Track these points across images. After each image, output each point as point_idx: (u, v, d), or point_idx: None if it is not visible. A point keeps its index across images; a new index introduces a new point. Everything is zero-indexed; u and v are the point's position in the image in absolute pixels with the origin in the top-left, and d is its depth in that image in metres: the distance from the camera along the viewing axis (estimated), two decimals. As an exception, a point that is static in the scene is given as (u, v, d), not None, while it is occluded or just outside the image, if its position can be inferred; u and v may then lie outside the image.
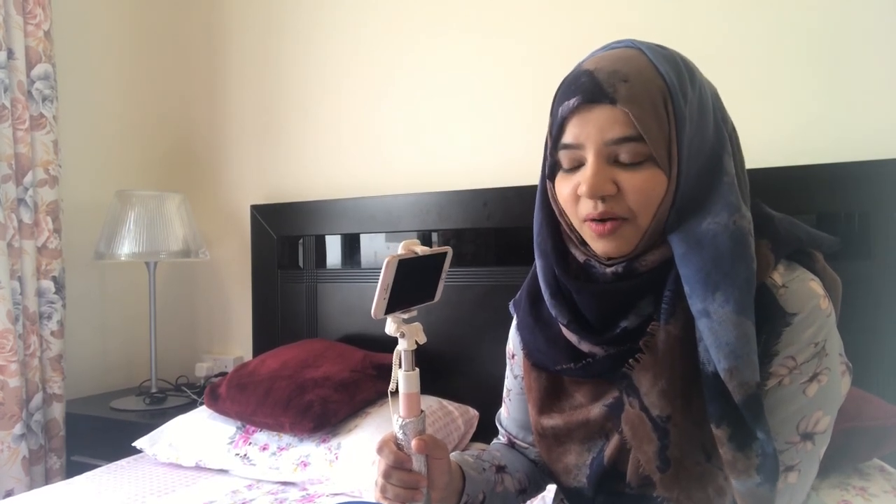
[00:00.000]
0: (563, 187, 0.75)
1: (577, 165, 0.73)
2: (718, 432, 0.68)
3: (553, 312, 0.79)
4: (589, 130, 0.70)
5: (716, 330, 0.67)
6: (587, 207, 0.72)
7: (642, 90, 0.69)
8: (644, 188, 0.69)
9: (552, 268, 0.80)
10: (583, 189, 0.71)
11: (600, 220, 0.71)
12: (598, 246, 0.74)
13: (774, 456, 0.66)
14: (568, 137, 0.72)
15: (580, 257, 0.78)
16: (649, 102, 0.68)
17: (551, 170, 0.77)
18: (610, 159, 0.70)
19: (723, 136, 0.74)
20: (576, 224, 0.76)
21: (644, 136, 0.68)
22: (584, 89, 0.70)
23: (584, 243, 0.77)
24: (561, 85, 0.75)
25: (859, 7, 1.55)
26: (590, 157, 0.71)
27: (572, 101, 0.71)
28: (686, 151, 0.70)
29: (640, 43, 0.74)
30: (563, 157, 0.74)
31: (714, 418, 0.68)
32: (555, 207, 0.79)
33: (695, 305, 0.69)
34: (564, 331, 0.79)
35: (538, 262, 0.82)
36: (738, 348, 0.66)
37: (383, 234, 2.05)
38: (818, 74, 1.60)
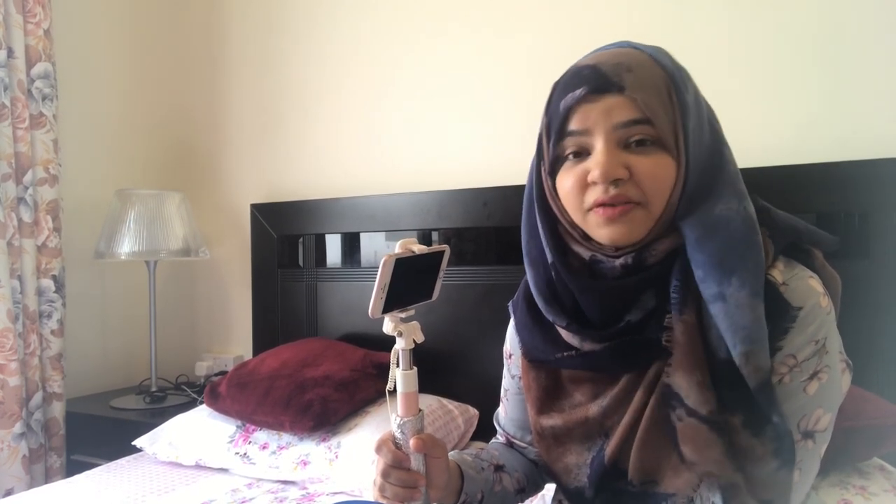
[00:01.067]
0: (567, 179, 0.73)
1: (584, 154, 0.72)
2: (733, 419, 0.68)
3: (550, 318, 0.79)
4: (597, 116, 0.70)
5: (732, 313, 0.67)
6: (597, 193, 0.70)
7: (647, 78, 0.70)
8: (656, 172, 0.69)
9: (542, 277, 0.79)
10: (595, 174, 0.70)
11: (612, 205, 0.70)
12: (605, 233, 0.72)
13: (791, 437, 0.66)
14: (574, 125, 0.71)
15: (584, 254, 0.76)
16: (654, 90, 0.69)
17: (552, 165, 0.76)
18: (620, 143, 0.70)
19: (717, 130, 0.75)
20: (578, 218, 0.74)
21: (652, 121, 0.68)
22: (590, 80, 0.70)
23: (587, 238, 0.76)
24: (558, 83, 0.75)
25: (859, 7, 1.55)
26: (599, 143, 0.70)
27: (578, 92, 0.70)
28: (692, 138, 0.70)
29: (636, 43, 0.75)
30: (569, 145, 0.73)
31: (728, 406, 0.68)
32: (553, 205, 0.78)
33: (709, 289, 0.68)
34: (564, 335, 0.79)
35: (528, 272, 0.82)
36: (754, 332, 0.66)
37: (383, 233, 2.05)
38: (818, 74, 1.59)
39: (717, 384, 0.69)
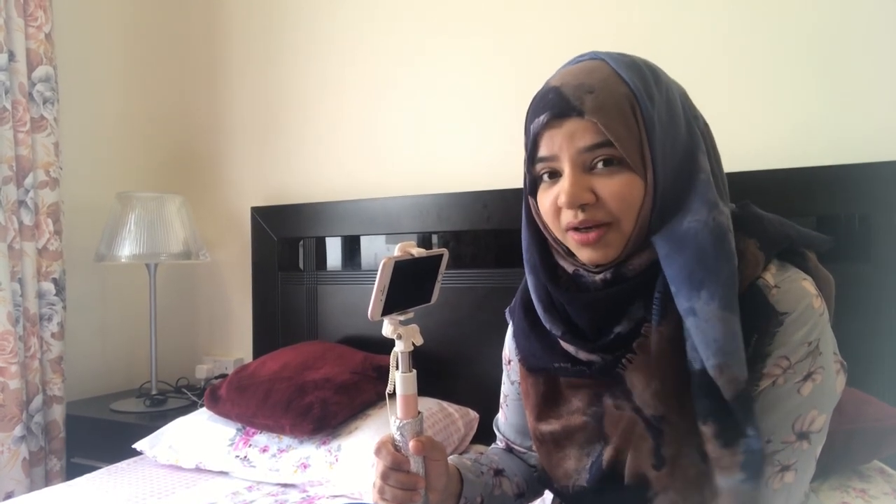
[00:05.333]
0: (544, 200, 0.75)
1: (556, 178, 0.74)
2: (705, 429, 0.68)
3: (547, 326, 0.80)
4: (561, 142, 0.71)
5: (703, 328, 0.67)
6: (568, 217, 0.73)
7: (608, 99, 0.69)
8: (621, 193, 0.70)
9: (543, 282, 0.80)
10: (562, 199, 0.71)
11: (584, 228, 0.72)
12: (584, 254, 0.74)
13: (760, 454, 0.67)
14: (543, 151, 0.73)
15: (569, 268, 0.78)
16: (616, 110, 0.69)
17: (531, 185, 0.78)
18: (585, 168, 0.71)
19: (695, 134, 0.74)
20: (559, 236, 0.76)
21: (615, 143, 0.69)
22: (552, 105, 0.71)
23: (570, 254, 0.77)
24: (531, 102, 0.76)
25: (859, 7, 1.55)
26: (566, 168, 0.72)
27: (542, 118, 0.72)
28: (659, 154, 0.70)
29: (603, 53, 0.74)
30: (541, 170, 0.75)
31: (700, 415, 0.69)
32: (538, 222, 0.79)
33: (681, 304, 0.69)
34: (562, 344, 0.80)
35: (529, 278, 0.83)
36: (726, 345, 0.66)
37: (383, 236, 2.05)
38: (818, 75, 1.60)
39: (693, 394, 0.70)
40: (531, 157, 0.75)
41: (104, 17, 2.34)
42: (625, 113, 0.69)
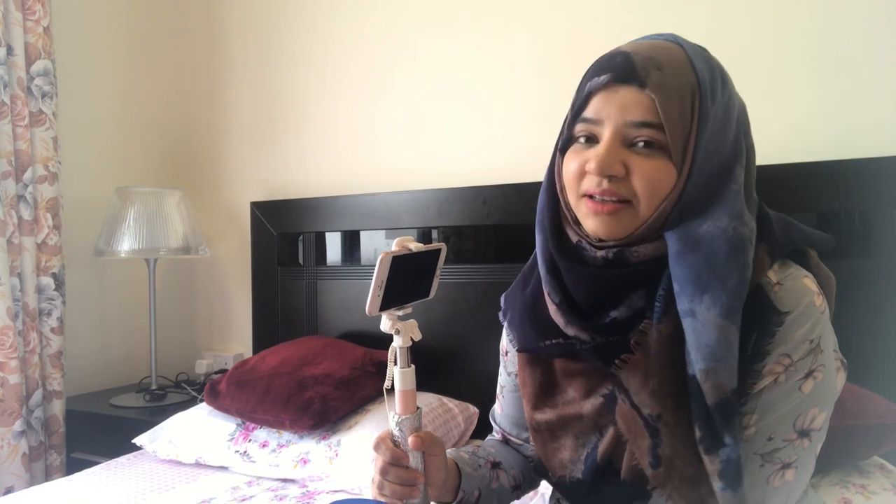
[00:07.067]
0: (572, 161, 0.74)
1: (592, 143, 0.72)
2: (695, 431, 0.68)
3: (546, 289, 0.79)
4: (611, 109, 0.70)
5: (698, 331, 0.67)
6: (590, 184, 0.71)
7: (673, 81, 0.68)
8: (652, 176, 0.69)
9: (549, 244, 0.79)
10: (591, 166, 0.70)
11: (601, 200, 0.71)
12: (591, 224, 0.72)
13: (738, 464, 0.66)
14: (590, 112, 0.72)
15: (573, 237, 0.77)
16: (677, 94, 0.68)
17: (564, 143, 0.76)
18: (625, 141, 0.70)
19: (740, 147, 0.73)
20: (573, 201, 0.75)
21: (664, 125, 0.67)
22: (617, 68, 0.70)
23: (578, 223, 0.76)
24: (594, 62, 0.74)
25: (859, 6, 1.55)
26: (606, 134, 0.70)
27: (602, 78, 0.70)
28: (702, 151, 0.69)
29: (682, 39, 0.74)
30: (581, 130, 0.73)
31: (692, 418, 0.69)
32: (557, 182, 0.78)
33: (682, 305, 0.68)
34: (553, 313, 0.78)
35: (538, 238, 0.82)
36: (718, 351, 0.66)
37: (383, 231, 2.05)
38: (818, 72, 1.59)
39: (690, 396, 0.69)
40: (576, 114, 0.73)
41: (103, 11, 2.33)
42: (684, 100, 0.68)
